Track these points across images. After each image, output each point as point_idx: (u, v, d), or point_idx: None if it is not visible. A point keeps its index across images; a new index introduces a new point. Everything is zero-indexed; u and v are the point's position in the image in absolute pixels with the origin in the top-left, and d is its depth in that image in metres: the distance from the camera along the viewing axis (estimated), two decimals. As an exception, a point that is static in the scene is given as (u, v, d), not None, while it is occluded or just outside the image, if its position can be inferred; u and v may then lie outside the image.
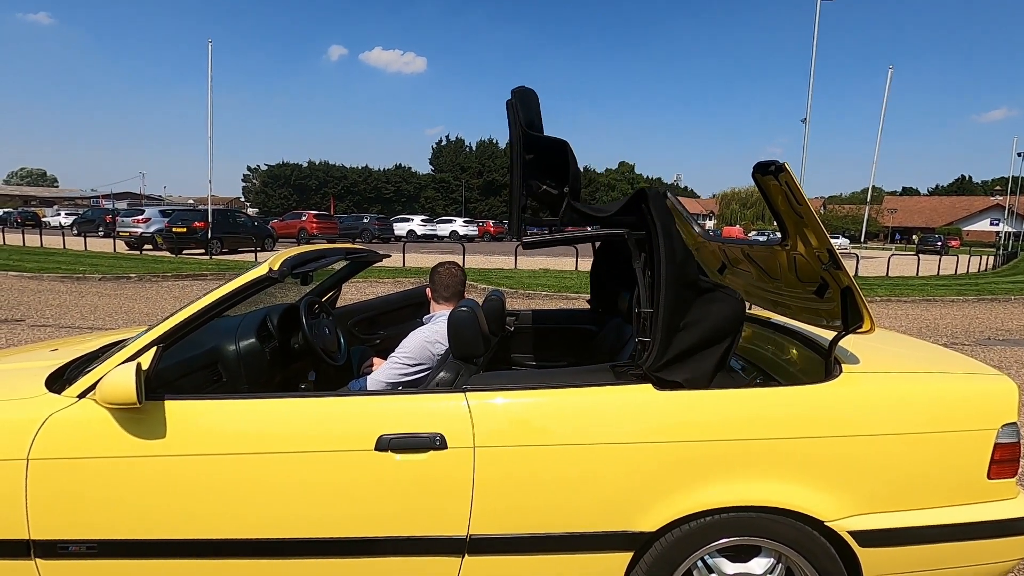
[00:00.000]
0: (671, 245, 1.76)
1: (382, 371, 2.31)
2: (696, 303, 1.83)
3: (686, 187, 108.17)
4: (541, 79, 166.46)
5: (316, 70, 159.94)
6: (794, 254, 2.00)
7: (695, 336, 1.80)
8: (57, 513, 1.69)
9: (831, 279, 1.84)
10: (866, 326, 1.80)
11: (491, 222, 46.86)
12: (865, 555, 1.74)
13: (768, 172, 1.71)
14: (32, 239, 20.42)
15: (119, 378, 1.63)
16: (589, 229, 1.88)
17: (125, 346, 1.84)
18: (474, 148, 68.67)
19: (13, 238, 20.92)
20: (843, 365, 1.88)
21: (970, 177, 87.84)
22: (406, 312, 3.36)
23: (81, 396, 1.75)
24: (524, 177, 1.77)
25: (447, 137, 70.17)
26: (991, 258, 25.36)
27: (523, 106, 1.73)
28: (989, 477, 1.77)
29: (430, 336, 2.30)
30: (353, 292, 10.16)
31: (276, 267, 1.89)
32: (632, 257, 1.86)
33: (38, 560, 1.71)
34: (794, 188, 1.69)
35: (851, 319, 1.80)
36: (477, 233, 36.74)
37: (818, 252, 1.82)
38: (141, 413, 1.71)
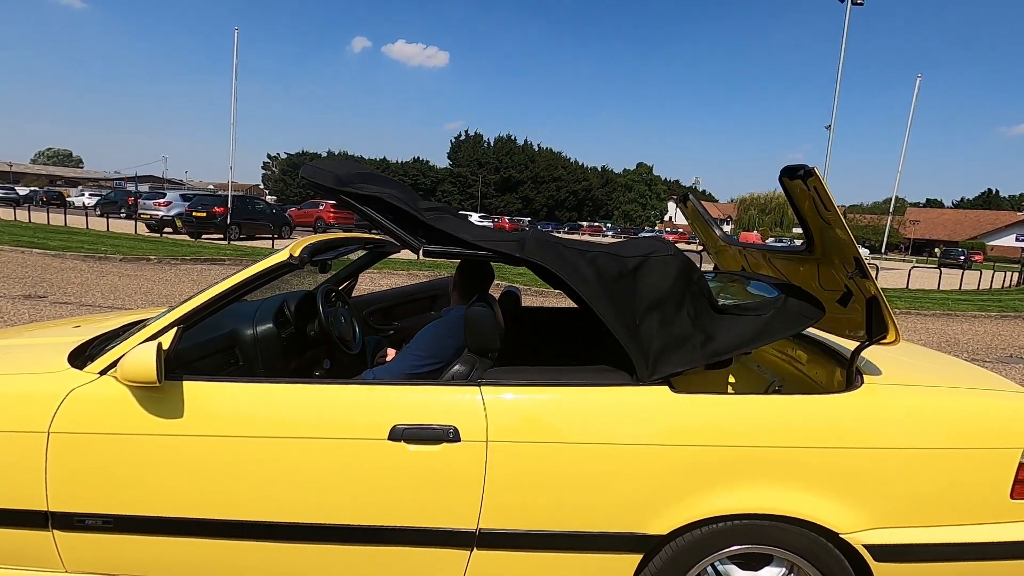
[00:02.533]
0: (570, 269, 1.78)
1: (395, 362, 2.31)
2: (636, 288, 1.82)
3: (704, 190, 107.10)
4: (563, 77, 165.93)
5: (339, 61, 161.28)
6: (818, 261, 1.97)
7: (657, 319, 1.78)
8: (75, 486, 1.72)
9: (856, 288, 1.81)
10: (891, 337, 1.76)
11: (507, 218, 46.88)
12: (880, 570, 1.71)
13: (796, 176, 1.68)
14: (56, 218, 20.82)
15: (140, 356, 1.65)
16: (488, 245, 1.85)
17: (146, 325, 1.86)
18: (492, 144, 68.64)
19: (38, 216, 21.34)
20: (865, 376, 1.84)
21: (997, 191, 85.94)
22: (422, 304, 3.37)
23: (102, 373, 1.77)
24: (382, 213, 1.81)
25: (466, 132, 70.28)
26: (1015, 274, 24.78)
27: (320, 175, 1.79)
28: (1012, 497, 1.72)
29: (444, 330, 2.29)
30: (367, 283, 10.22)
31: (297, 253, 1.89)
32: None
33: (55, 531, 1.74)
34: (823, 193, 1.66)
35: (875, 329, 1.77)
36: (493, 228, 36.72)
37: (844, 260, 1.79)
38: (160, 392, 1.73)
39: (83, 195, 38.14)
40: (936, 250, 48.13)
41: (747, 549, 1.74)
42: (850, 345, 1.93)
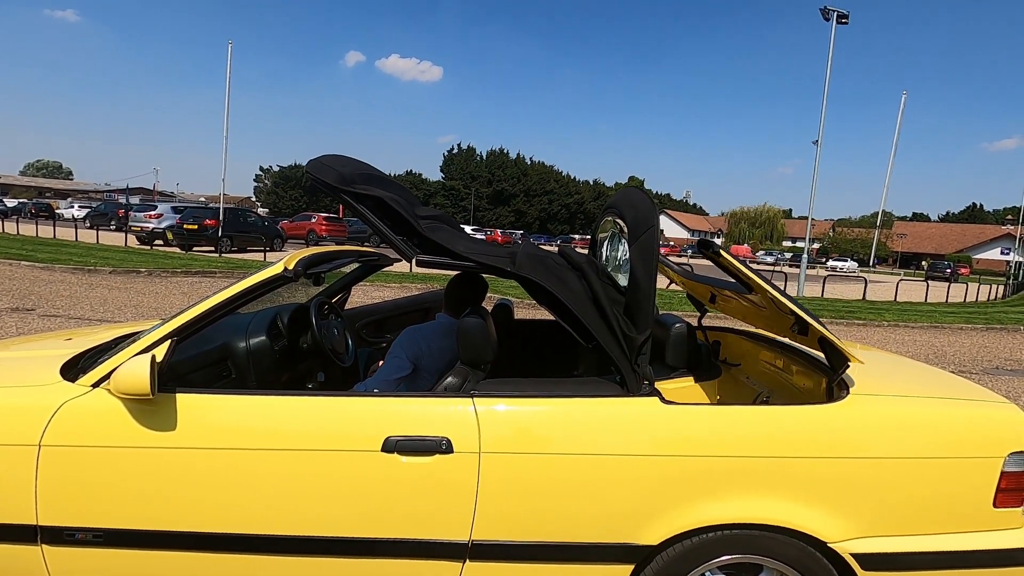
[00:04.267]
0: (561, 285, 1.82)
1: (380, 370, 2.30)
2: (617, 302, 1.90)
3: (695, 204, 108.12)
4: (556, 92, 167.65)
5: (332, 75, 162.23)
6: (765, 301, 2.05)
7: (645, 333, 1.83)
8: (65, 500, 1.71)
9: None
10: (853, 362, 1.87)
11: (499, 231, 47.04)
12: (867, 579, 1.73)
13: (710, 251, 1.85)
14: (45, 230, 20.65)
15: (134, 369, 1.65)
16: (480, 258, 1.87)
17: (139, 338, 1.86)
18: (484, 157, 69.02)
19: (27, 228, 21.16)
20: (851, 387, 1.88)
21: (981, 205, 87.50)
22: (415, 316, 3.38)
23: (95, 385, 1.77)
24: (379, 217, 1.83)
25: (459, 145, 70.61)
26: (1001, 287, 25.15)
27: (324, 171, 1.81)
28: (995, 506, 1.76)
29: (417, 333, 2.30)
30: (360, 295, 10.20)
31: (291, 266, 1.91)
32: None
33: (44, 546, 1.73)
34: (734, 268, 1.79)
35: (836, 363, 1.89)
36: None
37: (784, 312, 1.89)
38: (153, 405, 1.73)
39: (73, 207, 37.79)
40: (923, 263, 48.67)
41: (737, 559, 1.76)
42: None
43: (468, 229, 37.14)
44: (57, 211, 34.40)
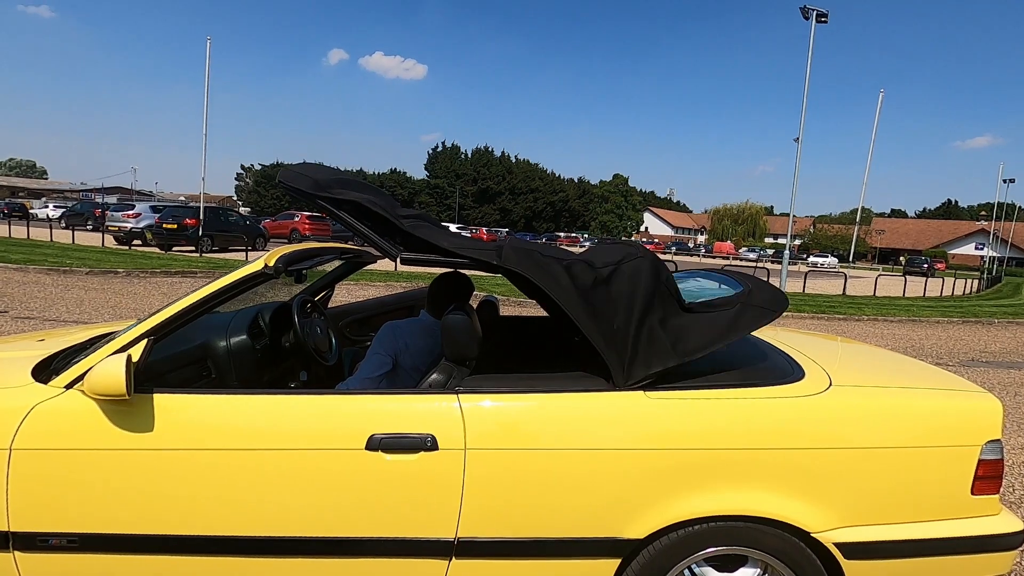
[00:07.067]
0: (547, 277, 1.80)
1: (361, 368, 2.26)
2: (611, 294, 1.84)
3: (679, 201, 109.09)
4: (540, 90, 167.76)
5: (315, 72, 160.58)
6: None
7: (632, 324, 1.79)
8: (39, 505, 1.66)
9: None
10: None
11: (484, 229, 46.99)
12: (850, 567, 1.75)
13: None
14: (19, 230, 20.13)
15: (109, 369, 1.61)
16: (466, 252, 1.84)
17: (115, 338, 1.82)
18: (469, 155, 68.81)
19: (-1, 229, 20.62)
20: (832, 378, 1.90)
21: (956, 201, 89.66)
22: (399, 315, 3.34)
23: (68, 386, 1.73)
24: (359, 219, 1.82)
25: (443, 143, 70.26)
26: (975, 281, 25.74)
27: (298, 179, 1.81)
28: (973, 493, 1.79)
29: (396, 329, 2.26)
30: (343, 294, 10.11)
31: (272, 263, 1.88)
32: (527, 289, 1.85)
33: (16, 553, 1.68)
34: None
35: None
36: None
37: None
38: (129, 406, 1.69)
39: (47, 207, 36.83)
40: (901, 258, 49.55)
41: (723, 551, 1.77)
42: (808, 350, 1.99)
43: (453, 227, 37.04)
44: (31, 211, 33.54)
